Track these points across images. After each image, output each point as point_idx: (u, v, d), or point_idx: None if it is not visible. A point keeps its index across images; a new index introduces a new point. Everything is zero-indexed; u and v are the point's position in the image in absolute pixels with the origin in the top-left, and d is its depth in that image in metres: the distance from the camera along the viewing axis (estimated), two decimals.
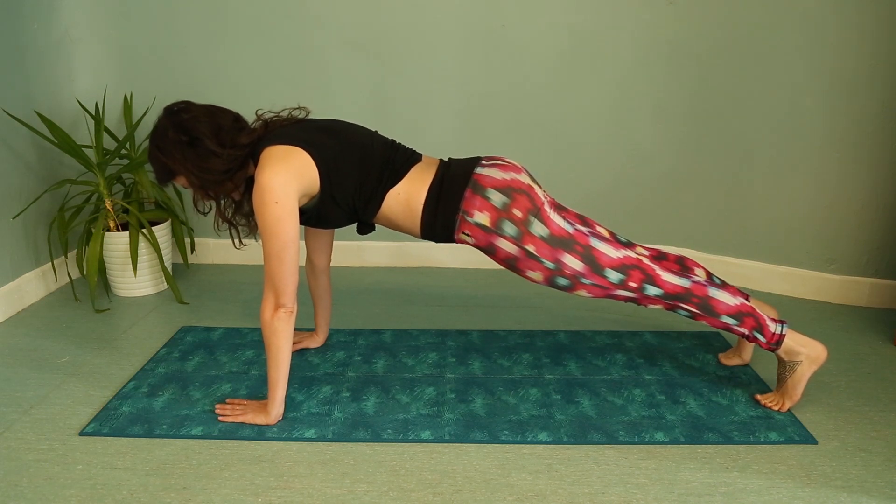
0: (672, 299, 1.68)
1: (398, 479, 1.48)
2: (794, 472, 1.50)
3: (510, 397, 1.80)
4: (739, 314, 1.68)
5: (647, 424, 1.68)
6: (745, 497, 1.42)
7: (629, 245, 1.80)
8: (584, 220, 1.78)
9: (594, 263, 1.63)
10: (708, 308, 1.68)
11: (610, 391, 1.84)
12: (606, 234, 1.78)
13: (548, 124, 2.67)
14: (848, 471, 1.51)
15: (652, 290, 1.67)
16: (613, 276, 1.64)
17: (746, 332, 1.70)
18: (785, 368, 1.72)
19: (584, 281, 1.64)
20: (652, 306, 1.71)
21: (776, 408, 1.74)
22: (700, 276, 1.80)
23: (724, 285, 1.74)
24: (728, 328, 1.70)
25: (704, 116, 2.56)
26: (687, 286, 1.67)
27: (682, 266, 1.83)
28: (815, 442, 1.61)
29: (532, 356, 2.03)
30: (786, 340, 1.70)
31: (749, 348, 1.97)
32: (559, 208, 1.73)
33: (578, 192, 2.69)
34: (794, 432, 1.64)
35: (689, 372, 1.94)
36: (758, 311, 1.71)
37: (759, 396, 1.78)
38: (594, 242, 1.64)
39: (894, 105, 2.26)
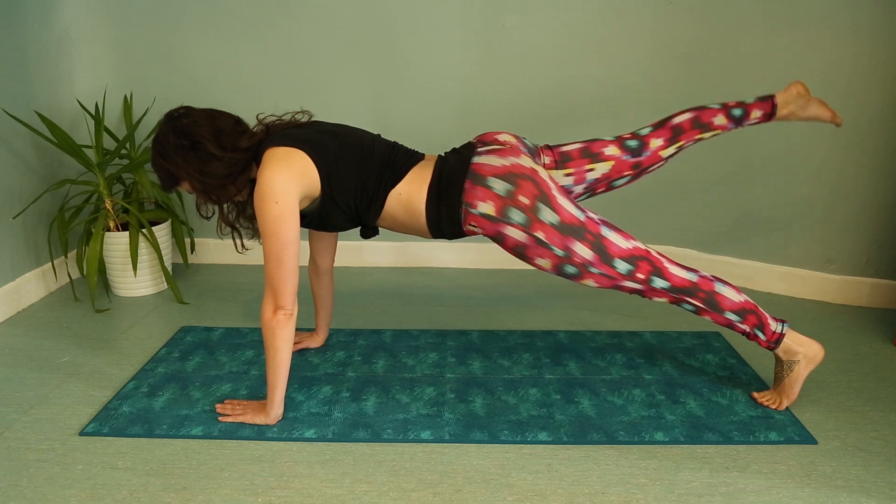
0: (678, 293, 1.67)
1: (398, 479, 1.47)
2: (794, 472, 1.50)
3: (510, 397, 1.80)
4: (743, 311, 1.68)
5: (646, 424, 1.68)
6: (745, 497, 1.42)
7: None
8: None
9: (604, 253, 1.61)
10: (713, 303, 1.67)
11: (610, 391, 1.84)
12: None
13: (547, 124, 2.67)
14: (848, 471, 1.51)
15: (659, 283, 1.66)
16: (622, 266, 1.63)
17: (748, 329, 1.70)
18: (782, 367, 1.73)
19: (593, 270, 1.63)
20: (657, 299, 1.70)
21: (774, 406, 1.74)
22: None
23: (727, 283, 1.73)
24: (730, 325, 1.70)
25: None
26: (694, 280, 1.66)
27: None
28: (815, 442, 1.61)
29: (532, 356, 2.03)
30: (784, 339, 1.70)
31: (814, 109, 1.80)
32: (566, 193, 1.71)
33: None
34: (794, 432, 1.64)
35: (689, 372, 1.94)
36: (760, 309, 1.71)
37: (755, 394, 1.79)
38: (605, 231, 1.63)
39: (894, 105, 2.26)
